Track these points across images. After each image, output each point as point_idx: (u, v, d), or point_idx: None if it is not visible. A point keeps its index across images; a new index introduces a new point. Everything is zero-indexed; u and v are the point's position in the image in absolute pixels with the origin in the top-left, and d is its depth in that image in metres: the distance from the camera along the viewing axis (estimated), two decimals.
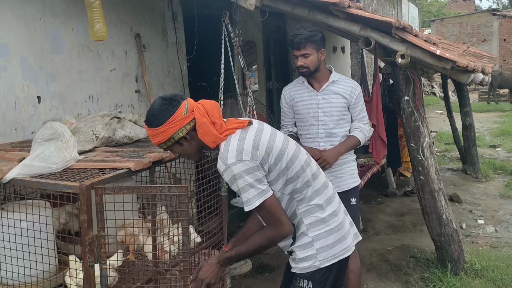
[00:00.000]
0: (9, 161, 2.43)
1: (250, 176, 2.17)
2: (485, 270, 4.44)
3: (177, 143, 2.26)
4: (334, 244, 2.38)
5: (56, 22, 3.54)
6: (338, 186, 3.59)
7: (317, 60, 3.53)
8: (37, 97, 3.37)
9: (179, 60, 5.00)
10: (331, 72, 3.67)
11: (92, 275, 2.10)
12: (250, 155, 2.18)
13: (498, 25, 24.13)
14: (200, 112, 2.22)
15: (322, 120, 3.63)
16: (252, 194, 2.19)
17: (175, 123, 2.20)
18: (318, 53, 3.52)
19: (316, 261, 2.36)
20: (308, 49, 3.49)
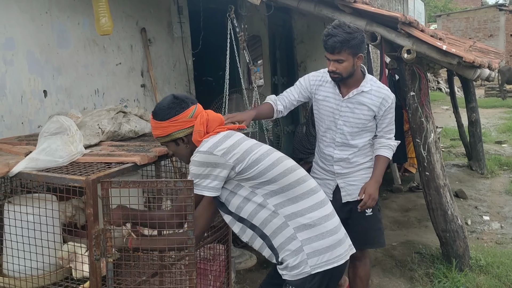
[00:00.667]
0: (15, 154, 2.44)
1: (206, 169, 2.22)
2: (490, 266, 4.44)
3: (173, 142, 2.36)
4: (326, 250, 2.29)
5: (62, 16, 3.55)
6: (349, 194, 3.38)
7: (352, 67, 3.11)
8: (43, 91, 3.38)
9: (185, 54, 5.01)
10: (364, 78, 3.25)
11: (98, 268, 2.10)
12: (222, 152, 2.23)
13: (505, 20, 24.00)
14: (201, 120, 2.32)
15: (340, 129, 3.31)
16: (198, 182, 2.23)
17: (177, 122, 2.31)
18: (355, 58, 3.09)
19: (306, 267, 2.27)
20: (343, 55, 3.04)
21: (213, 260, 3.15)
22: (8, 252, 2.35)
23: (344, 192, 3.40)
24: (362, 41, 3.08)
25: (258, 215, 2.29)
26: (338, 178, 3.40)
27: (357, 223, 3.38)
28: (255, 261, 4.81)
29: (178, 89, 4.90)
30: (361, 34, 3.08)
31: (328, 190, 3.43)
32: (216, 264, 3.15)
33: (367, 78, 3.26)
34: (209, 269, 3.12)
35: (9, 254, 2.35)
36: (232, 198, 2.32)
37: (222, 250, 3.16)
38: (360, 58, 3.12)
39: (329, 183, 3.44)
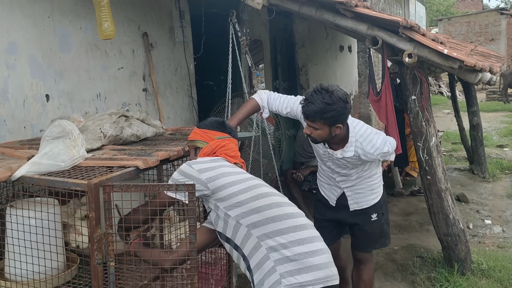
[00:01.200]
0: (18, 158, 2.45)
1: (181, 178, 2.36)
2: (492, 270, 4.43)
3: (194, 149, 2.62)
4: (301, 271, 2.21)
5: (65, 21, 3.56)
6: (356, 202, 3.38)
7: (327, 135, 2.95)
8: (46, 95, 3.39)
9: (186, 59, 5.02)
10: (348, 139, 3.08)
11: (100, 272, 2.11)
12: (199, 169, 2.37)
13: (506, 24, 24.01)
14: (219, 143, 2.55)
15: (331, 168, 3.33)
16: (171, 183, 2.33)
17: (205, 135, 2.59)
18: (332, 127, 2.91)
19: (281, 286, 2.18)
20: (317, 124, 2.90)
21: (214, 264, 3.15)
22: (10, 256, 2.35)
23: (352, 201, 3.41)
24: (341, 113, 2.86)
25: (237, 235, 2.32)
26: (344, 188, 3.41)
27: (362, 229, 3.45)
28: None
29: (179, 93, 4.91)
30: (341, 105, 2.85)
31: (332, 196, 3.48)
32: (218, 268, 3.15)
33: (350, 142, 3.07)
34: (210, 273, 3.12)
35: (11, 258, 2.35)
36: (218, 220, 2.38)
37: (223, 254, 3.16)
38: (339, 127, 2.93)
39: (335, 189, 3.46)
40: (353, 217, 3.43)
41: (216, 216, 2.38)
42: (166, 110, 4.67)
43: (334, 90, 2.85)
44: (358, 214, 3.42)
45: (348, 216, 3.45)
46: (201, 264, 3.10)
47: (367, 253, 3.58)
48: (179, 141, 2.91)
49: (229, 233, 2.34)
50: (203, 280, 3.11)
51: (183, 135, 3.15)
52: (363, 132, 3.11)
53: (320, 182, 3.58)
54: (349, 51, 10.89)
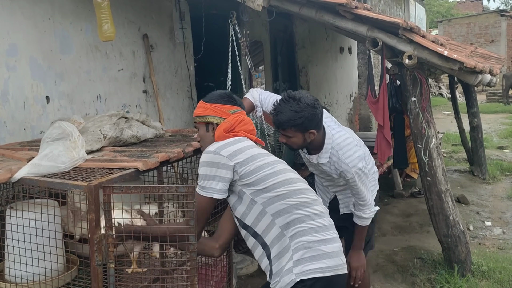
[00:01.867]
0: (18, 160, 2.45)
1: (213, 170, 2.27)
2: (492, 272, 4.43)
3: (205, 125, 2.49)
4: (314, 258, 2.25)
5: (65, 23, 3.56)
6: (346, 206, 3.36)
7: (302, 141, 2.90)
8: (46, 97, 3.40)
9: (187, 60, 5.02)
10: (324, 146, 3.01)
11: (100, 274, 2.11)
12: (228, 154, 2.28)
13: (506, 26, 24.01)
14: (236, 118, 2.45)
15: (317, 174, 3.34)
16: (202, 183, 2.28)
17: (217, 109, 2.47)
18: (305, 133, 2.85)
19: (292, 275, 2.22)
20: (289, 132, 2.85)
21: (214, 266, 3.15)
22: (10, 258, 2.36)
23: (342, 204, 3.39)
24: (310, 119, 2.82)
25: (260, 223, 2.30)
26: (336, 192, 3.39)
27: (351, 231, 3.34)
28: (257, 267, 4.80)
29: (179, 94, 4.91)
30: (310, 110, 2.80)
31: (326, 198, 3.46)
32: (218, 269, 3.15)
33: (326, 148, 3.01)
34: (210, 275, 3.12)
35: (11, 260, 2.35)
36: (238, 205, 2.34)
37: (223, 255, 3.16)
38: (312, 133, 2.87)
39: (328, 193, 3.45)
40: (342, 220, 3.34)
41: (238, 201, 2.33)
42: (166, 111, 4.67)
43: (302, 97, 2.81)
44: (348, 217, 3.35)
45: (338, 219, 3.22)
46: (201, 266, 3.10)
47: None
48: (179, 142, 2.91)
49: (250, 220, 2.31)
50: (203, 282, 3.11)
51: (183, 136, 3.15)
52: (341, 141, 3.04)
53: (316, 183, 3.58)
54: (349, 52, 10.89)
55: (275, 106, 2.86)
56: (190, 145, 2.73)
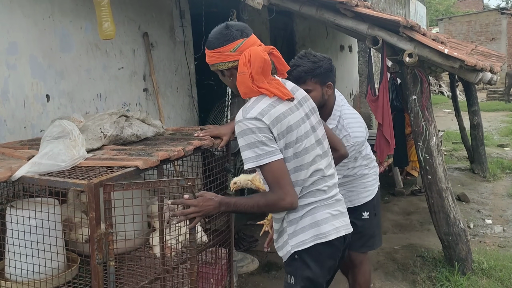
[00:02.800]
0: (18, 159, 2.45)
1: (257, 136, 2.15)
2: (492, 270, 4.43)
3: (219, 71, 2.34)
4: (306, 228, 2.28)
5: (65, 21, 3.56)
6: (350, 200, 3.36)
7: (321, 96, 2.96)
8: (46, 95, 3.40)
9: (187, 58, 5.02)
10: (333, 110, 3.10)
11: (100, 272, 2.11)
12: (268, 118, 2.17)
13: (507, 23, 23.97)
14: (244, 60, 2.21)
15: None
16: (253, 154, 2.16)
17: (220, 55, 2.28)
18: (323, 87, 2.96)
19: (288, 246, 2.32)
20: (309, 84, 2.90)
21: (215, 264, 3.15)
22: (11, 256, 2.36)
23: (346, 199, 3.29)
24: (328, 69, 2.93)
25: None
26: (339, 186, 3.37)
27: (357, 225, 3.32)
28: (257, 265, 4.81)
29: (180, 93, 4.91)
30: (327, 62, 2.93)
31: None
32: (218, 267, 3.16)
33: (334, 115, 3.09)
34: (211, 273, 3.13)
35: (11, 258, 2.35)
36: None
37: (224, 253, 3.16)
38: (330, 86, 2.97)
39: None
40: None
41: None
42: (167, 109, 4.67)
43: (317, 53, 2.94)
44: (351, 212, 3.23)
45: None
46: (202, 264, 3.11)
47: (361, 254, 3.49)
48: (180, 141, 2.90)
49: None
50: (204, 280, 3.11)
51: (184, 135, 3.15)
52: (349, 114, 3.12)
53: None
54: (349, 50, 10.89)
55: (293, 63, 2.89)
56: (191, 143, 2.73)
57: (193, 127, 3.32)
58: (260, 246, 5.32)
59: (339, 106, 3.10)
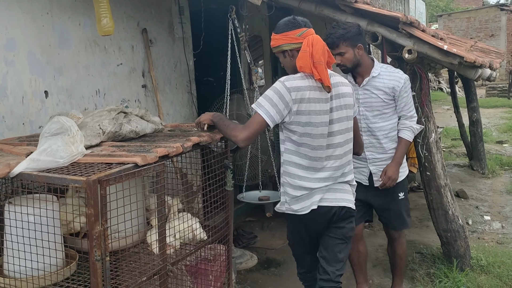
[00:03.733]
0: (16, 155, 2.44)
1: (276, 97, 2.70)
2: (491, 266, 4.44)
3: (282, 53, 2.88)
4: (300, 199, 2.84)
5: (63, 17, 3.55)
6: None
7: (353, 57, 3.45)
8: (45, 92, 3.39)
9: (186, 55, 5.01)
10: (374, 65, 3.57)
11: (99, 269, 2.11)
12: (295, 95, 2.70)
13: (506, 20, 23.94)
14: (308, 42, 2.72)
15: (363, 114, 3.60)
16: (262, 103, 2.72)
17: (287, 37, 2.81)
18: (355, 49, 3.43)
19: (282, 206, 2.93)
20: (342, 48, 3.41)
21: (213, 261, 3.16)
22: (9, 253, 2.36)
23: (376, 178, 3.68)
24: (357, 33, 3.41)
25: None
26: (370, 164, 3.67)
27: (391, 207, 3.75)
28: (256, 262, 4.81)
29: (179, 89, 4.90)
30: (355, 27, 3.41)
31: (363, 177, 3.72)
32: (217, 264, 3.16)
33: (376, 65, 3.56)
34: (209, 270, 3.13)
35: (9, 255, 2.35)
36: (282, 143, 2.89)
37: (222, 250, 3.16)
38: (360, 48, 3.44)
39: (363, 170, 3.72)
40: (382, 197, 3.71)
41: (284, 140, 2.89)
42: (166, 106, 4.66)
43: (346, 22, 3.50)
44: (387, 194, 3.69)
45: (377, 197, 3.73)
46: (201, 261, 3.11)
47: (399, 231, 3.89)
48: (179, 137, 2.90)
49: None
50: (203, 276, 3.11)
51: (183, 131, 3.14)
52: (384, 64, 3.65)
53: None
54: None
55: (327, 32, 3.41)
56: (189, 140, 2.73)
57: (192, 123, 3.31)
58: (259, 243, 5.32)
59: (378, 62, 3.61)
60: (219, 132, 2.93)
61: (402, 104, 3.58)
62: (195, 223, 2.94)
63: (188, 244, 2.92)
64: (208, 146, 2.96)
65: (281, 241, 5.37)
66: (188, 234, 2.88)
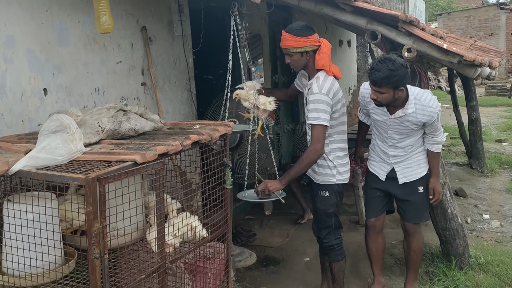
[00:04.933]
0: (15, 153, 2.44)
1: (322, 105, 3.37)
2: (490, 265, 4.44)
3: (300, 53, 3.47)
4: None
5: (63, 14, 3.54)
6: (405, 176, 3.81)
7: (392, 97, 3.46)
8: (44, 89, 3.38)
9: (185, 53, 5.00)
10: (408, 100, 3.55)
11: (97, 266, 2.11)
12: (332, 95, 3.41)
13: (506, 19, 23.95)
14: (326, 45, 3.46)
15: (390, 136, 3.74)
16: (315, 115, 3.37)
17: (310, 40, 3.44)
18: (396, 91, 3.42)
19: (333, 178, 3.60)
20: (383, 88, 3.40)
21: (212, 258, 3.15)
22: (8, 251, 2.35)
23: (401, 175, 3.82)
24: (403, 77, 3.38)
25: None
26: (394, 164, 3.81)
27: (413, 200, 3.86)
28: (255, 259, 4.81)
29: (178, 87, 4.90)
30: (403, 70, 3.36)
31: (382, 172, 3.88)
32: (216, 262, 3.16)
33: (410, 100, 3.54)
34: (208, 267, 3.13)
35: (8, 252, 2.35)
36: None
37: (221, 248, 3.16)
38: (401, 90, 3.43)
39: (384, 166, 3.88)
40: (402, 189, 3.85)
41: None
42: (165, 104, 4.66)
43: (396, 59, 3.38)
44: (407, 187, 3.83)
45: (397, 188, 3.86)
46: (200, 259, 3.11)
47: (415, 225, 3.98)
48: (178, 135, 2.90)
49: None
50: (201, 274, 3.11)
51: (182, 129, 3.14)
52: (418, 92, 3.61)
53: (369, 161, 4.00)
54: (348, 45, 10.86)
55: (372, 66, 3.43)
56: (189, 138, 2.73)
57: (191, 122, 3.31)
58: (258, 241, 5.32)
59: (412, 92, 3.58)
60: (218, 131, 2.93)
61: (432, 129, 3.68)
62: (194, 221, 2.94)
63: (187, 242, 2.92)
64: (207, 144, 2.96)
65: (280, 239, 5.37)
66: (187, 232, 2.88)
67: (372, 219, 3.99)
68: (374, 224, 3.98)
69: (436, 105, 3.57)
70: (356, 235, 5.42)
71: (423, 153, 3.83)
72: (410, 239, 4.01)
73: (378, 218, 3.98)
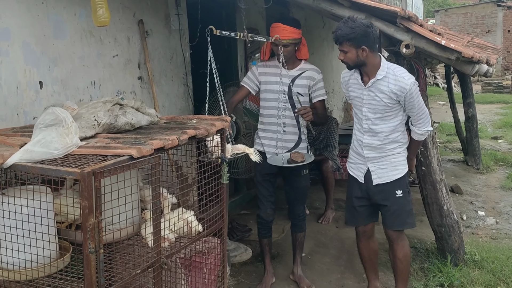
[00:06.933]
0: (10, 146, 2.42)
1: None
2: (485, 261, 4.45)
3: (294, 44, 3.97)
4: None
5: (59, 7, 3.52)
6: (379, 177, 3.65)
7: (356, 57, 3.41)
8: (39, 82, 3.36)
9: (182, 47, 4.98)
10: (380, 66, 3.47)
11: (93, 261, 2.10)
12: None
13: (503, 16, 23.95)
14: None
15: (365, 115, 3.59)
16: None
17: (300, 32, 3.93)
18: (358, 50, 3.37)
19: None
20: (344, 47, 3.40)
21: (208, 254, 3.15)
22: (2, 245, 2.34)
23: (375, 175, 3.66)
24: (363, 35, 3.34)
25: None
26: (368, 162, 3.67)
27: (390, 205, 3.67)
28: (250, 254, 4.81)
29: (175, 81, 4.88)
30: (363, 28, 3.33)
31: (360, 174, 3.73)
32: (211, 257, 3.15)
33: (383, 65, 3.48)
34: (204, 262, 3.13)
35: (3, 247, 2.34)
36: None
37: (217, 243, 3.16)
38: (364, 49, 3.37)
39: (361, 167, 3.73)
40: (379, 193, 3.67)
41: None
42: (161, 98, 4.64)
43: (357, 18, 3.40)
44: (384, 191, 3.66)
45: (375, 193, 3.69)
46: (195, 253, 3.10)
47: (397, 232, 3.75)
48: (174, 130, 2.88)
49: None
50: (197, 269, 3.11)
51: (178, 123, 3.12)
52: (393, 65, 3.55)
53: (349, 163, 3.88)
54: None
55: (336, 26, 3.45)
56: (185, 132, 2.71)
57: (188, 116, 3.30)
58: (254, 236, 5.32)
59: (386, 62, 3.53)
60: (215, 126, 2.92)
61: (411, 112, 3.56)
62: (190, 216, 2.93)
63: (183, 237, 2.91)
64: (204, 139, 2.95)
65: (275, 234, 5.36)
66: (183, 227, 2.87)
67: (361, 226, 3.87)
68: (364, 230, 3.86)
69: (408, 77, 3.43)
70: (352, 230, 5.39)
71: (401, 155, 3.65)
72: (394, 247, 3.76)
73: (368, 224, 3.87)
